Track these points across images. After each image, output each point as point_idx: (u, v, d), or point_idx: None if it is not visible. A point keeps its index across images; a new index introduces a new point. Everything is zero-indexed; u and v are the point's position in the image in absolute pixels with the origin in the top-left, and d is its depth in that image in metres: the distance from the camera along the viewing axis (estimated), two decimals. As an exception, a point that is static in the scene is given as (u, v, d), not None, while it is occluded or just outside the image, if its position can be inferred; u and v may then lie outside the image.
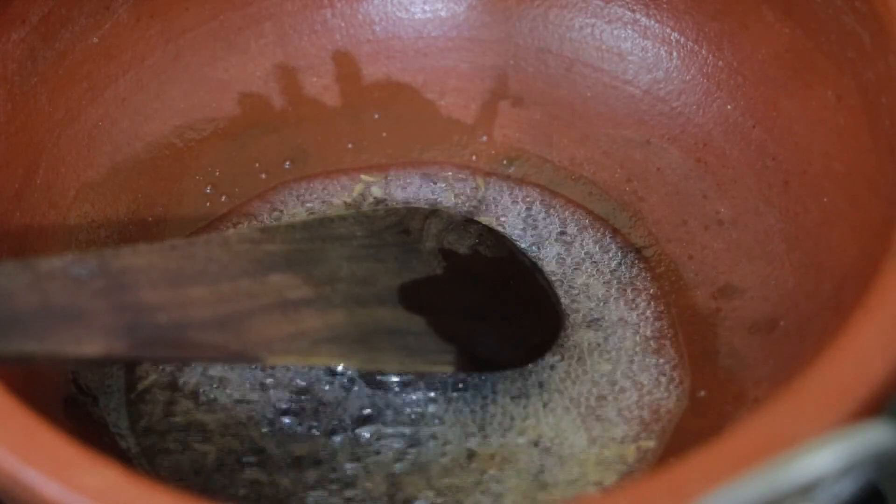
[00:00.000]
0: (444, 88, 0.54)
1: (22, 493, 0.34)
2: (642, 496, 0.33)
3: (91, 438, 0.42)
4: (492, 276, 0.49)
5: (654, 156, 0.52)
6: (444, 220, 0.50)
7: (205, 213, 0.52)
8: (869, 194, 0.43)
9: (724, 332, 0.47)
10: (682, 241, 0.50)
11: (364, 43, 0.54)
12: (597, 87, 0.53)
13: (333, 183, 0.53)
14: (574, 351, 0.48)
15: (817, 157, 0.47)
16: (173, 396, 0.47)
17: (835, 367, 0.35)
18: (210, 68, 0.53)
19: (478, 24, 0.54)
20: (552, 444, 0.46)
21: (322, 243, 0.47)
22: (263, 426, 0.46)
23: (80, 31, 0.49)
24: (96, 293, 0.39)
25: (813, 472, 0.31)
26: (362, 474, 0.45)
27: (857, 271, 0.43)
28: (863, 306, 0.36)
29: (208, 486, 0.45)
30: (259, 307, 0.43)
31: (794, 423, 0.33)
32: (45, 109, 0.48)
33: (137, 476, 0.33)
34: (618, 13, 0.53)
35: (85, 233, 0.49)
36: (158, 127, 0.52)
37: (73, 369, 0.46)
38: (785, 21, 0.48)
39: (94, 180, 0.50)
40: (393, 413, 0.46)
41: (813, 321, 0.44)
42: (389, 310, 0.46)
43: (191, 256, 0.43)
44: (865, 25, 0.44)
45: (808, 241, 0.46)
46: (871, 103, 0.44)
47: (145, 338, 0.39)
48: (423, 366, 0.45)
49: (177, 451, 0.45)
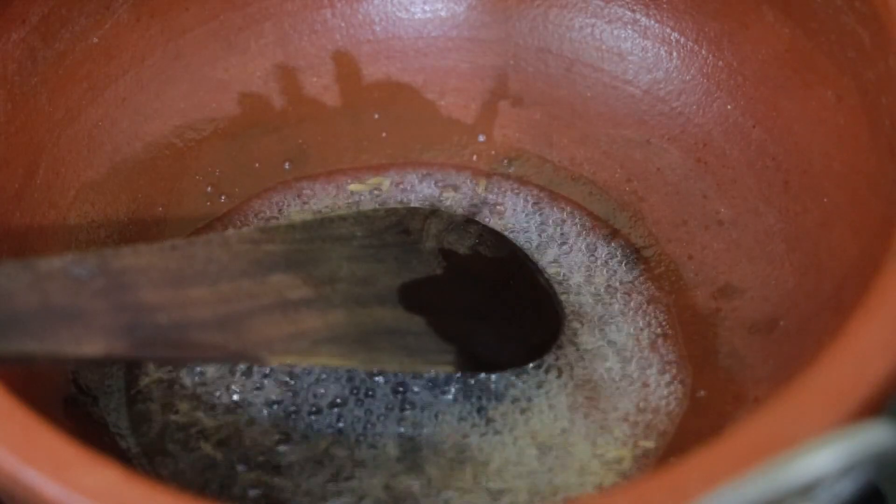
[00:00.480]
0: (444, 88, 0.54)
1: (22, 493, 0.34)
2: (642, 496, 0.33)
3: (91, 438, 0.42)
4: (492, 276, 0.49)
5: (654, 156, 0.52)
6: (445, 220, 0.50)
7: (205, 213, 0.52)
8: (869, 194, 0.43)
9: (724, 332, 0.47)
10: (682, 241, 0.50)
11: (364, 43, 0.54)
12: (597, 87, 0.53)
13: (333, 183, 0.53)
14: (574, 351, 0.48)
15: (817, 157, 0.47)
16: (173, 396, 0.47)
17: (835, 367, 0.35)
18: (210, 68, 0.53)
19: (478, 24, 0.54)
20: (552, 444, 0.46)
21: (322, 243, 0.47)
22: (263, 426, 0.46)
23: (80, 31, 0.49)
24: (96, 293, 0.39)
25: (813, 472, 0.31)
26: (361, 474, 0.45)
27: (857, 271, 0.43)
28: (863, 306, 0.36)
29: (208, 485, 0.45)
30: (259, 307, 0.43)
31: (794, 423, 0.33)
32: (45, 109, 0.48)
33: (137, 476, 0.33)
34: (618, 13, 0.53)
35: (85, 233, 0.49)
36: (158, 127, 0.52)
37: (73, 369, 0.46)
38: (785, 21, 0.48)
39: (94, 180, 0.50)
40: (393, 413, 0.46)
41: (813, 321, 0.44)
42: (389, 310, 0.46)
43: (191, 256, 0.43)
44: (865, 25, 0.44)
45: (808, 241, 0.46)
46: (871, 103, 0.44)
47: (145, 338, 0.39)
48: (423, 366, 0.45)
49: (177, 450, 0.45)
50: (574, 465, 0.45)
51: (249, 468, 0.45)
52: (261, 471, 0.45)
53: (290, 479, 0.45)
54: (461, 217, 0.51)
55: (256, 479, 0.45)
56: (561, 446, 0.46)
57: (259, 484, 0.45)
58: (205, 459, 0.45)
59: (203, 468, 0.45)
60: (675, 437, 0.45)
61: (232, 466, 0.45)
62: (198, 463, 0.45)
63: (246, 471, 0.45)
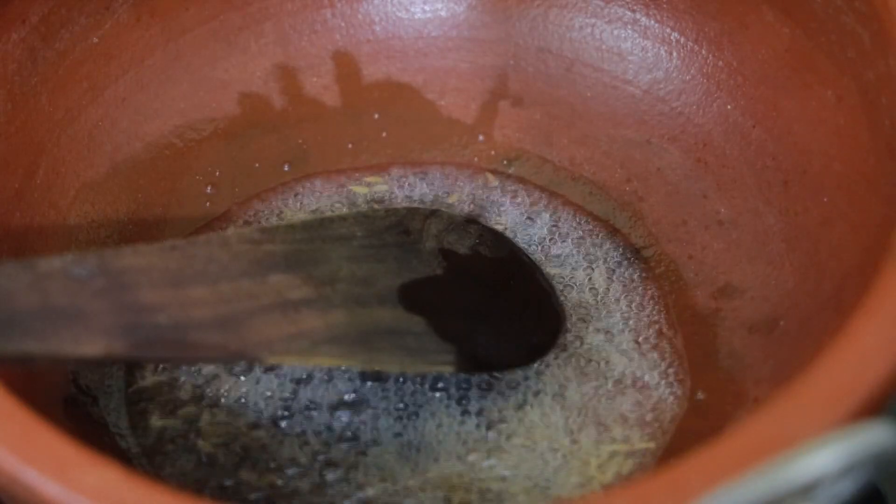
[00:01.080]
0: (444, 88, 0.54)
1: (22, 493, 0.34)
2: (642, 496, 0.33)
3: (91, 438, 0.42)
4: (492, 276, 0.49)
5: (654, 156, 0.52)
6: (445, 220, 0.50)
7: (205, 213, 0.52)
8: (869, 194, 0.43)
9: (724, 332, 0.47)
10: (682, 241, 0.50)
11: (364, 43, 0.54)
12: (597, 87, 0.53)
13: (333, 183, 0.53)
14: (574, 351, 0.48)
15: (817, 157, 0.47)
16: (173, 396, 0.47)
17: (835, 367, 0.35)
18: (210, 68, 0.53)
19: (478, 24, 0.54)
20: (552, 444, 0.46)
21: (322, 243, 0.47)
22: (263, 425, 0.46)
23: (80, 31, 0.49)
24: (96, 293, 0.39)
25: (813, 472, 0.31)
26: (361, 473, 0.45)
27: (857, 271, 0.43)
28: (863, 306, 0.36)
29: (208, 485, 0.45)
30: (259, 307, 0.43)
31: (794, 423, 0.33)
32: (45, 109, 0.48)
33: (137, 476, 0.33)
34: (618, 13, 0.53)
35: (85, 233, 0.49)
36: (158, 127, 0.52)
37: (73, 369, 0.46)
38: (785, 21, 0.48)
39: (94, 180, 0.50)
40: (393, 414, 0.46)
41: (813, 321, 0.44)
42: (389, 310, 0.46)
43: (191, 256, 0.43)
44: (865, 25, 0.44)
45: (808, 241, 0.46)
46: (871, 103, 0.44)
47: (145, 338, 0.39)
48: (423, 366, 0.45)
49: (177, 450, 0.45)
50: (575, 466, 0.45)
51: (249, 468, 0.45)
52: (261, 471, 0.45)
53: (291, 480, 0.45)
54: (461, 217, 0.51)
55: (256, 479, 0.45)
56: (561, 446, 0.46)
57: (259, 484, 0.45)
58: (205, 459, 0.45)
59: (203, 468, 0.45)
60: (674, 438, 0.45)
61: (232, 466, 0.45)
62: (198, 463, 0.45)
63: (246, 471, 0.45)
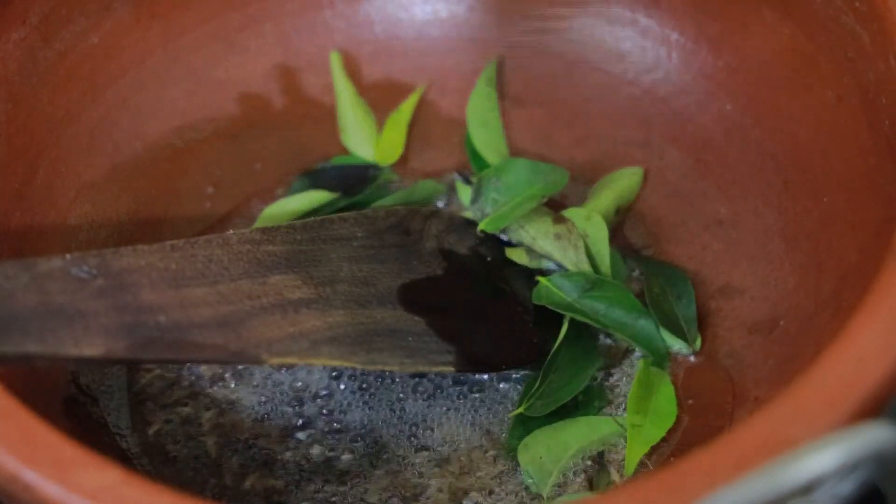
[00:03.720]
0: (444, 88, 0.54)
1: (22, 493, 0.34)
2: (642, 496, 0.33)
3: (91, 438, 0.42)
4: (492, 276, 0.49)
5: (654, 156, 0.52)
6: (445, 220, 0.50)
7: (205, 214, 0.52)
8: (869, 194, 0.43)
9: (723, 332, 0.48)
10: (682, 241, 0.50)
11: (364, 43, 0.54)
12: (597, 87, 0.53)
13: (333, 183, 0.53)
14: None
15: (817, 157, 0.47)
16: (173, 396, 0.47)
17: (835, 367, 0.35)
18: (210, 68, 0.53)
19: (478, 25, 0.54)
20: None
21: (322, 244, 0.47)
22: (264, 426, 0.46)
23: (80, 31, 0.49)
24: (96, 293, 0.39)
25: (813, 472, 0.31)
26: (362, 475, 0.45)
27: (857, 271, 0.43)
28: (863, 306, 0.36)
29: (208, 485, 0.45)
30: (259, 307, 0.43)
31: (795, 423, 0.33)
32: (45, 109, 0.48)
33: (137, 476, 0.33)
34: (618, 13, 0.53)
35: (85, 233, 0.49)
36: (158, 127, 0.52)
37: (73, 369, 0.46)
38: (785, 21, 0.48)
39: (94, 180, 0.50)
40: (395, 415, 0.46)
41: (813, 321, 0.44)
42: (390, 310, 0.46)
43: (191, 257, 0.43)
44: (865, 25, 0.44)
45: (808, 241, 0.46)
46: (871, 103, 0.44)
47: (145, 338, 0.39)
48: (423, 366, 0.45)
49: (177, 450, 0.45)
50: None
51: (249, 468, 0.45)
52: (261, 471, 0.45)
53: (291, 480, 0.45)
54: (461, 217, 0.51)
55: (256, 479, 0.45)
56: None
57: (259, 484, 0.45)
58: (205, 459, 0.45)
59: (203, 468, 0.45)
60: (675, 438, 0.45)
61: (232, 466, 0.45)
62: (198, 463, 0.45)
63: (246, 471, 0.45)
